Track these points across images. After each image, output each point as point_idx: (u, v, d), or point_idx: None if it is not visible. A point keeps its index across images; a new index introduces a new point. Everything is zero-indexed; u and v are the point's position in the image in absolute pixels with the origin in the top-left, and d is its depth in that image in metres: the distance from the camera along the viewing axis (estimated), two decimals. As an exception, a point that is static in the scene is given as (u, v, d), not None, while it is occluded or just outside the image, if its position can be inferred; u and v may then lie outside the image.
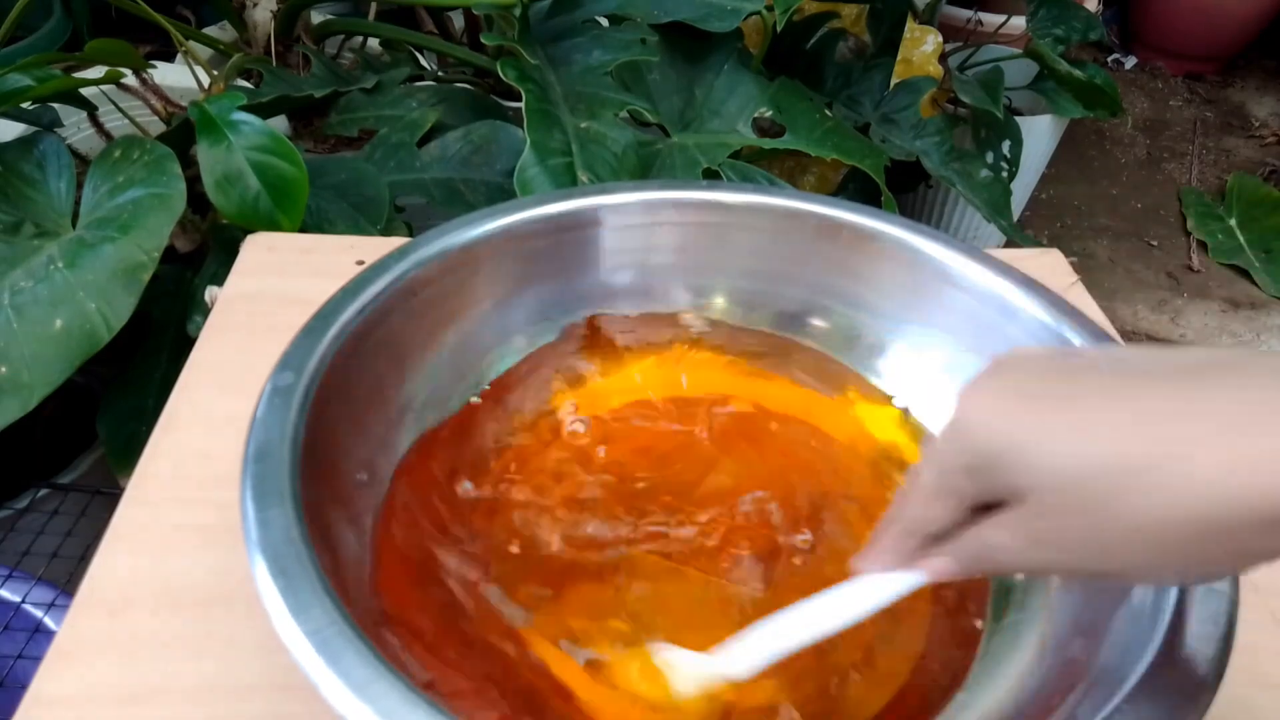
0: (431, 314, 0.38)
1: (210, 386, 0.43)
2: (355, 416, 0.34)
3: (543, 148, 0.67)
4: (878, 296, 0.43)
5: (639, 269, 0.44)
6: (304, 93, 0.80)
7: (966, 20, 1.42)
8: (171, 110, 0.80)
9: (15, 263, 0.57)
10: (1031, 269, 0.39)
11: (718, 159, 0.79)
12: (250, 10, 0.93)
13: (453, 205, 0.75)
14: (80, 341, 0.54)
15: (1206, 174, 1.72)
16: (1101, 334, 0.36)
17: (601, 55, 0.79)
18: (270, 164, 0.62)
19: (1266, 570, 0.37)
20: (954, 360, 0.41)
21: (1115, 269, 1.47)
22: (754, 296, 0.45)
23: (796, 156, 1.05)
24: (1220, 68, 2.02)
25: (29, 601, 0.59)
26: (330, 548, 0.28)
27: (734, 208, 0.43)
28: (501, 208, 0.40)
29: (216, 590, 0.34)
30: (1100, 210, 1.61)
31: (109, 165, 0.62)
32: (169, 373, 0.70)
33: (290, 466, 0.28)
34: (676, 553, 0.35)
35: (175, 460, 0.40)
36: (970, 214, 1.32)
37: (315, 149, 0.88)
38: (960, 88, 1.04)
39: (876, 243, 0.42)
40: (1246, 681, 0.33)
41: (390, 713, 0.22)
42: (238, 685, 0.32)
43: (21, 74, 0.63)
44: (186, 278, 0.73)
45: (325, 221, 0.68)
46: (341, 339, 0.33)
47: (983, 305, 0.39)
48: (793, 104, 0.86)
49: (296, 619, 0.23)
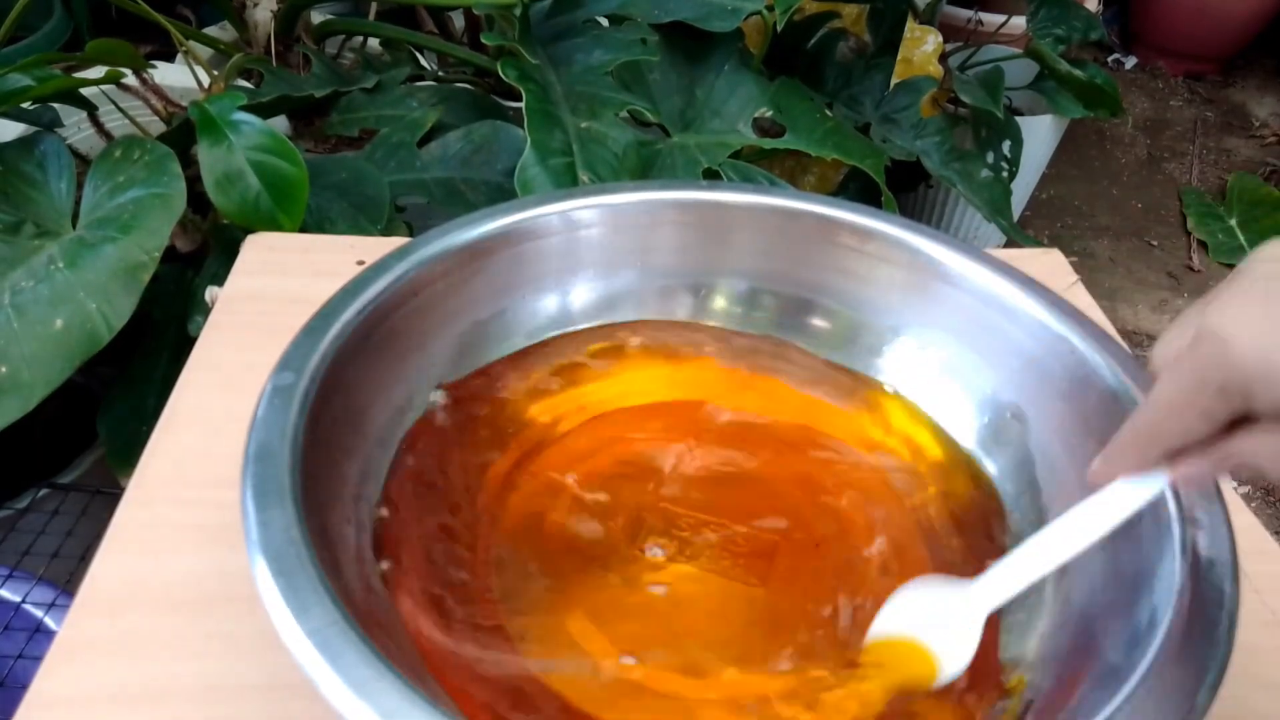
0: (431, 314, 0.38)
1: (210, 386, 0.43)
2: (355, 416, 0.34)
3: (543, 147, 0.67)
4: (878, 296, 0.42)
5: (638, 269, 0.44)
6: (304, 92, 0.80)
7: (967, 20, 1.42)
8: (172, 110, 0.80)
9: (16, 263, 0.57)
10: (1032, 269, 0.39)
11: (718, 159, 0.79)
12: (250, 10, 0.93)
13: (453, 205, 0.75)
14: (81, 341, 0.54)
15: (1207, 174, 1.72)
16: (1102, 334, 0.36)
17: (602, 55, 0.78)
18: (270, 164, 0.62)
19: (1266, 570, 0.37)
20: (954, 360, 0.41)
21: (1116, 269, 1.47)
22: (754, 297, 0.45)
23: (797, 156, 1.05)
24: (1221, 67, 2.02)
25: (29, 601, 0.59)
26: (330, 548, 0.28)
27: (734, 208, 0.43)
28: (502, 208, 0.40)
29: (216, 590, 0.34)
30: (1101, 210, 1.61)
31: (109, 165, 0.62)
32: (169, 372, 0.70)
33: (290, 466, 0.28)
34: (676, 553, 0.35)
35: (175, 460, 0.40)
36: (970, 214, 1.32)
37: (315, 149, 0.88)
38: (961, 88, 1.04)
39: (877, 243, 0.42)
40: (1246, 681, 0.33)
41: (390, 712, 0.22)
42: (238, 685, 0.32)
43: (22, 74, 0.62)
44: (187, 277, 0.73)
45: (326, 221, 0.68)
46: (342, 339, 0.33)
47: (983, 305, 0.39)
48: (793, 104, 0.86)
49: (297, 619, 0.23)
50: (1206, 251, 1.50)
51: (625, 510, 0.36)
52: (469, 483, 0.36)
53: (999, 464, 0.38)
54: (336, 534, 0.29)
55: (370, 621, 0.26)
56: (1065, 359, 0.36)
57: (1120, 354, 0.35)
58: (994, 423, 0.39)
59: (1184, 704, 0.24)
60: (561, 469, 0.38)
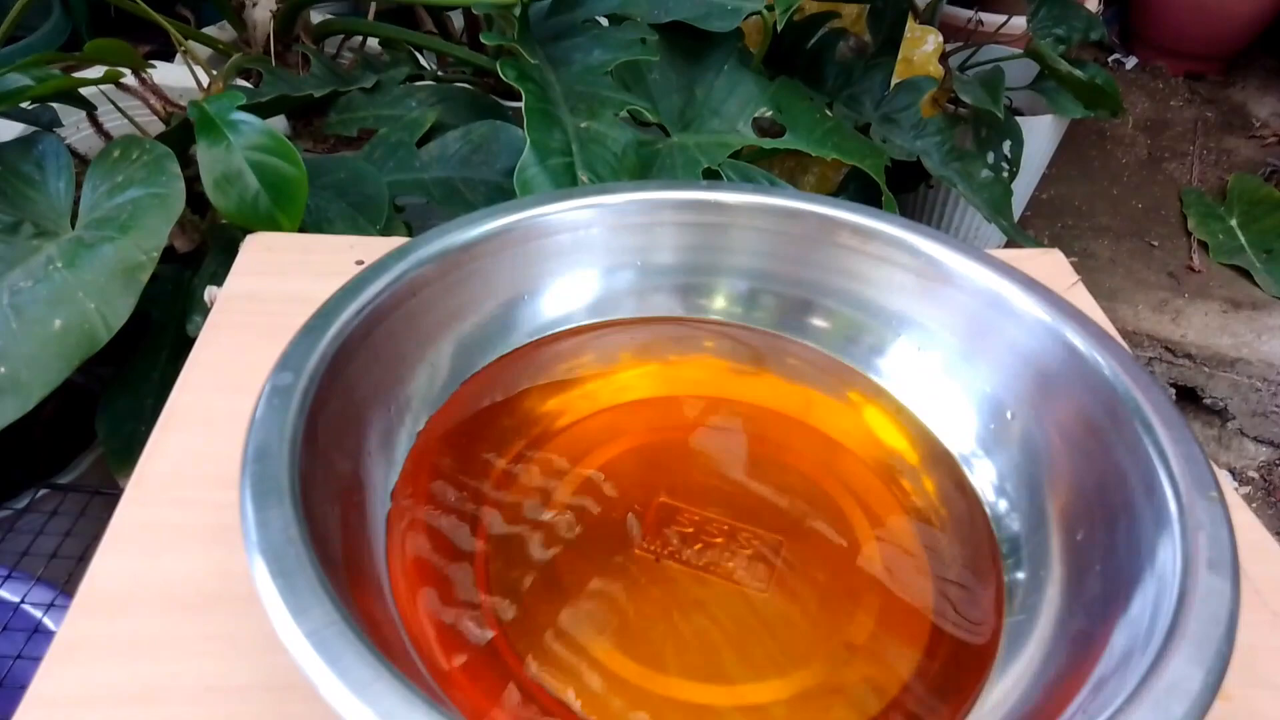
0: (431, 314, 0.38)
1: (210, 386, 0.43)
2: (355, 416, 0.34)
3: (543, 147, 0.67)
4: (878, 296, 0.42)
5: (638, 269, 0.44)
6: (303, 92, 0.80)
7: (967, 20, 1.42)
8: (171, 110, 0.80)
9: (14, 263, 0.57)
10: (1032, 269, 0.39)
11: (718, 159, 0.79)
12: (249, 10, 0.93)
13: (452, 205, 0.75)
14: (79, 341, 0.54)
15: (1207, 174, 1.72)
16: (1103, 334, 0.36)
17: (601, 55, 0.78)
18: (269, 164, 0.62)
19: (1266, 570, 0.37)
20: (954, 360, 0.41)
21: (1116, 269, 1.47)
22: (754, 296, 0.45)
23: (797, 156, 1.05)
24: (1221, 67, 2.02)
25: (28, 602, 0.59)
26: (330, 548, 0.28)
27: (734, 208, 0.43)
28: (501, 207, 0.40)
29: (216, 590, 0.34)
30: (1101, 210, 1.61)
31: (108, 165, 0.62)
32: (168, 372, 0.70)
33: (290, 467, 0.28)
34: (672, 554, 0.35)
35: (175, 460, 0.39)
36: (971, 214, 1.32)
37: (314, 148, 0.88)
38: (961, 88, 1.04)
39: (877, 243, 0.42)
40: (1246, 681, 0.33)
41: (390, 713, 0.22)
42: (238, 685, 0.32)
43: (21, 74, 0.62)
44: (186, 277, 0.73)
45: (324, 221, 0.68)
46: (341, 339, 0.33)
47: (983, 305, 0.39)
48: (793, 104, 0.86)
49: (296, 620, 0.23)
50: (1207, 252, 1.50)
51: (625, 507, 0.36)
52: (469, 481, 0.36)
53: (999, 464, 0.38)
54: (336, 535, 0.29)
55: (370, 621, 0.26)
56: (1066, 359, 0.36)
57: (1121, 355, 0.35)
58: (994, 423, 0.39)
59: (1184, 704, 0.24)
60: (561, 466, 0.38)
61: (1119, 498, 0.32)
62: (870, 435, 0.41)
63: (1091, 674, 0.28)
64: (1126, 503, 0.32)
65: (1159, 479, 0.30)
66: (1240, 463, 1.17)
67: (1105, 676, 0.27)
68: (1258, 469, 1.16)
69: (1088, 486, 0.34)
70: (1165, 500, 0.30)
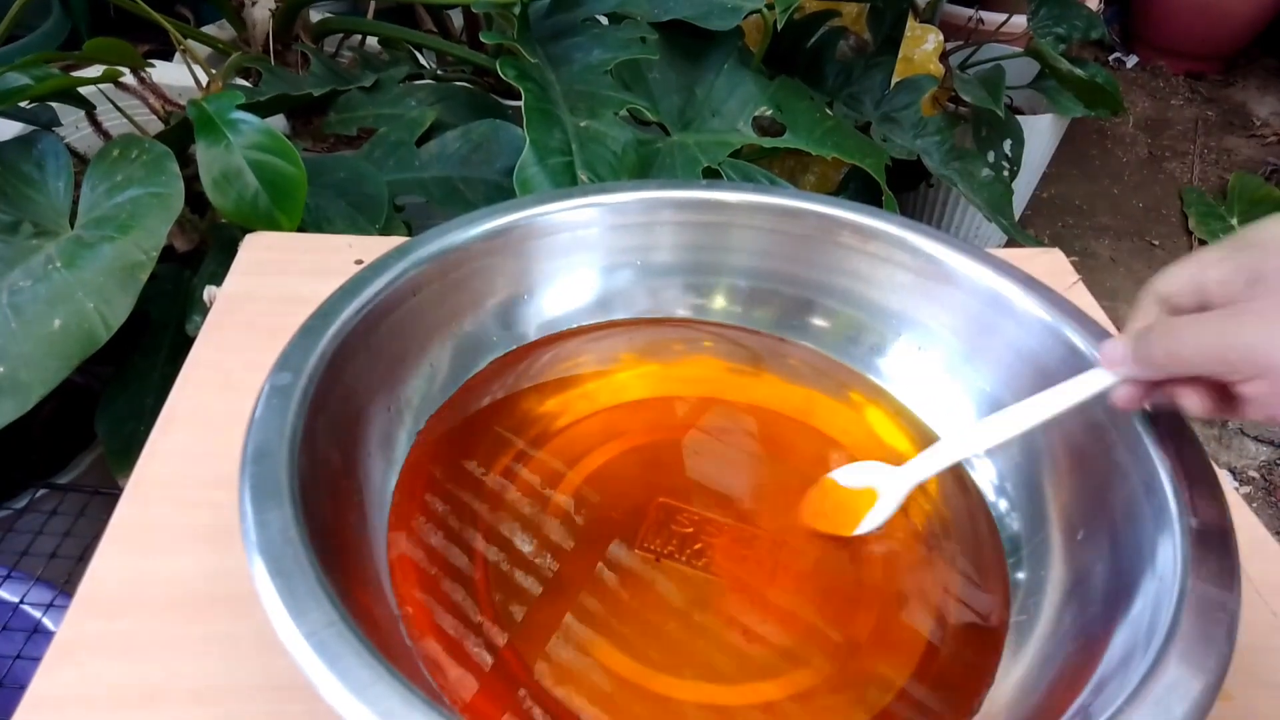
0: (431, 314, 0.38)
1: (209, 386, 0.43)
2: (355, 417, 0.34)
3: (542, 146, 0.66)
4: (878, 296, 0.42)
5: (638, 269, 0.44)
6: (303, 91, 0.80)
7: (967, 19, 1.41)
8: (170, 109, 0.80)
9: (14, 262, 0.57)
10: (1032, 268, 0.39)
11: (718, 158, 0.79)
12: (249, 9, 0.93)
13: (452, 204, 0.75)
14: (79, 341, 0.54)
15: (1208, 173, 1.72)
16: (1103, 334, 0.36)
17: (601, 54, 0.78)
18: (269, 163, 0.62)
19: (1266, 570, 0.37)
20: (955, 359, 0.41)
21: (1117, 268, 1.47)
22: (754, 296, 0.44)
23: (797, 155, 1.05)
24: (1222, 66, 2.02)
25: (27, 602, 0.58)
26: (329, 548, 0.28)
27: (734, 207, 0.43)
28: (501, 207, 0.40)
29: (216, 590, 0.34)
30: (1101, 209, 1.60)
31: (107, 164, 0.61)
32: (168, 372, 0.70)
33: (289, 467, 0.27)
34: (675, 552, 0.35)
35: (174, 460, 0.39)
36: (971, 213, 1.31)
37: (314, 148, 0.88)
38: (961, 86, 1.04)
39: (878, 242, 0.42)
40: (1246, 681, 0.33)
41: (390, 713, 0.22)
42: (238, 685, 0.32)
43: (20, 73, 0.62)
44: (185, 277, 0.73)
45: (324, 220, 0.68)
46: (341, 338, 0.33)
47: (983, 305, 0.39)
48: (793, 103, 0.86)
49: (295, 620, 0.23)
50: (1207, 251, 1.50)
51: (625, 507, 0.36)
52: (469, 482, 0.36)
53: (1000, 464, 0.38)
54: (335, 534, 0.29)
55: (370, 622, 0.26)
56: (1066, 359, 0.36)
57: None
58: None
59: (1185, 704, 0.24)
60: (561, 466, 0.38)
61: (1119, 497, 0.32)
62: (871, 435, 0.41)
63: (1093, 674, 0.27)
64: (1127, 502, 0.32)
65: (1159, 479, 0.30)
66: (1240, 462, 1.17)
67: (1106, 676, 0.27)
68: (1258, 469, 1.16)
69: (1088, 486, 0.34)
70: (1165, 500, 0.30)
